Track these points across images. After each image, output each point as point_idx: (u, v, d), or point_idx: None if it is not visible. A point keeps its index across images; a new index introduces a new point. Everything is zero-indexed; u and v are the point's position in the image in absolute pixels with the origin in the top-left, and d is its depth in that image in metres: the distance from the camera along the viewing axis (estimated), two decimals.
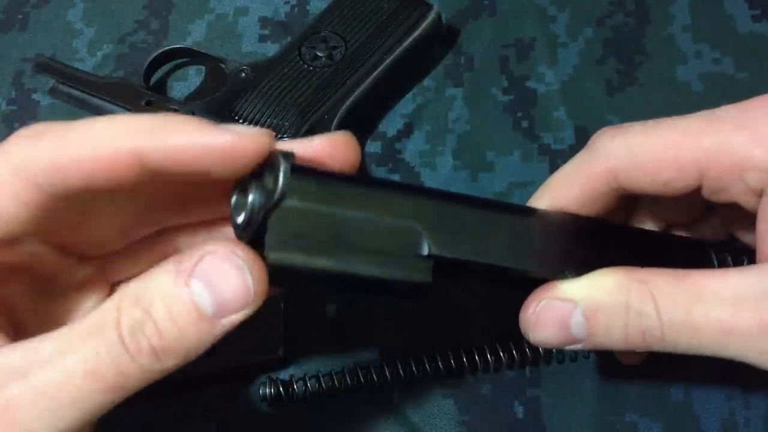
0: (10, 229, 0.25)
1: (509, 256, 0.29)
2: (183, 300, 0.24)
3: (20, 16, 0.52)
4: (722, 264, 0.32)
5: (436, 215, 0.28)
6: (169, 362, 0.24)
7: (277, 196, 0.25)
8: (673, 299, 0.27)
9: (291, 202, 0.25)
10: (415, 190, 0.30)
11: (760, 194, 0.28)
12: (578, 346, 0.29)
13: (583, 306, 0.28)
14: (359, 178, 0.29)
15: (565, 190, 0.31)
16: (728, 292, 0.26)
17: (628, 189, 0.31)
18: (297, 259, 0.25)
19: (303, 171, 0.26)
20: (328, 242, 0.26)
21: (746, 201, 0.29)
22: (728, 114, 0.29)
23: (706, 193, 0.30)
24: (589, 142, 0.32)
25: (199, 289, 0.24)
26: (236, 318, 0.25)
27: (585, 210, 0.32)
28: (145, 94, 0.44)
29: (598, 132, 0.32)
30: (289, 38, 0.49)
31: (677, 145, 0.29)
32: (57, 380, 0.23)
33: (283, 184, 0.25)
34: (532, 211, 0.31)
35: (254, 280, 0.24)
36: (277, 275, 0.26)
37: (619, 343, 0.28)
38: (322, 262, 0.26)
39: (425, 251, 0.27)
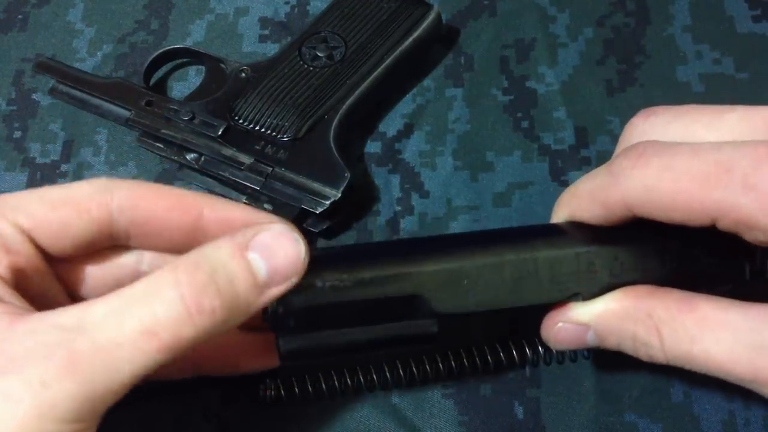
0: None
1: (514, 298, 0.31)
2: (241, 266, 0.27)
3: (20, 16, 0.52)
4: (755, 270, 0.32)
5: (437, 277, 0.30)
6: (218, 322, 0.27)
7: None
8: (677, 335, 0.29)
9: (299, 301, 0.29)
10: (413, 249, 0.32)
11: None
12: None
13: (594, 328, 0.31)
14: (360, 252, 0.34)
15: (585, 207, 0.32)
16: (727, 335, 0.28)
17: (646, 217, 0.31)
18: (310, 344, 0.30)
19: (317, 263, 0.29)
20: (337, 325, 0.30)
21: (761, 243, 0.29)
22: (742, 164, 0.27)
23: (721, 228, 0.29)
24: (612, 159, 0.31)
25: (256, 257, 0.28)
26: (279, 290, 0.28)
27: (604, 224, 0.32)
28: (145, 94, 0.44)
29: (623, 148, 0.31)
30: (289, 38, 0.49)
31: (689, 193, 0.28)
32: (115, 338, 0.25)
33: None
34: (539, 235, 0.32)
35: (305, 250, 0.29)
36: (293, 359, 0.30)
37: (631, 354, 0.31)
38: (331, 341, 0.30)
39: (429, 313, 0.30)
